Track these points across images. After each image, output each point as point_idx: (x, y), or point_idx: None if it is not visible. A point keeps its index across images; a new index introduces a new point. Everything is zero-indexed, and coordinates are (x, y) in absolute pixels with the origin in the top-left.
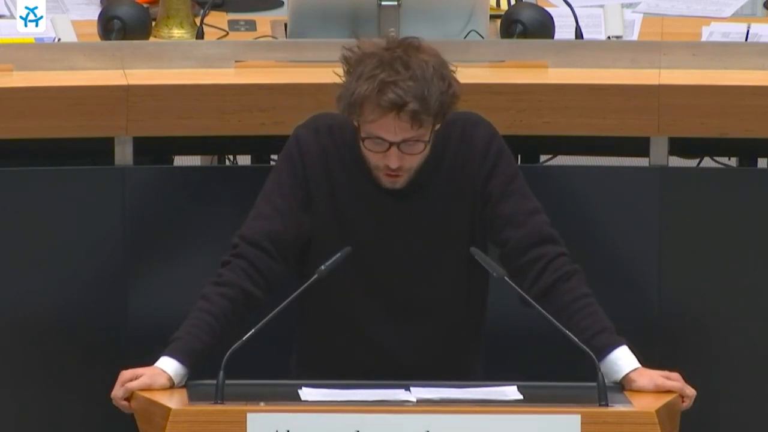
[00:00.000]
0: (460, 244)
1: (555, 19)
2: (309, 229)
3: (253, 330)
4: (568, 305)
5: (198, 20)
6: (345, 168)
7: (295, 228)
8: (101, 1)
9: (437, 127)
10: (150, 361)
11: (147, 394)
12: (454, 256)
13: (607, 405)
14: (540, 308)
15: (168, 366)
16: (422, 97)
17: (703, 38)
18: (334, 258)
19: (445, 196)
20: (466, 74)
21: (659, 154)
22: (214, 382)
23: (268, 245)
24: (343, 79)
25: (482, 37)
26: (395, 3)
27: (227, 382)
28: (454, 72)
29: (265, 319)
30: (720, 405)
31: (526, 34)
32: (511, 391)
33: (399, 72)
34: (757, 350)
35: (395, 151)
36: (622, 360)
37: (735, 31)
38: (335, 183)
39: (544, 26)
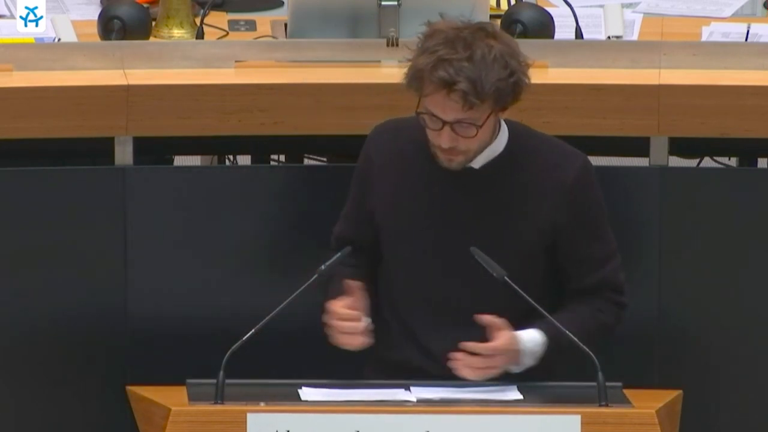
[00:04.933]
0: (520, 256)
1: (555, 19)
2: (375, 229)
3: (252, 330)
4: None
5: (198, 20)
6: (412, 168)
7: (362, 229)
8: (101, 1)
9: (501, 114)
10: (150, 360)
11: (147, 394)
12: (513, 266)
13: (607, 405)
14: (541, 309)
15: None
16: (475, 79)
17: (703, 38)
18: (334, 258)
19: (516, 207)
20: None
21: (659, 154)
22: (214, 382)
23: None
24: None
25: None
26: (395, 3)
27: (227, 382)
28: (528, 65)
29: (265, 319)
30: (720, 404)
31: (526, 34)
32: (511, 391)
33: (457, 51)
34: (758, 350)
35: (448, 130)
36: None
37: (735, 31)
38: (399, 183)
39: (544, 26)
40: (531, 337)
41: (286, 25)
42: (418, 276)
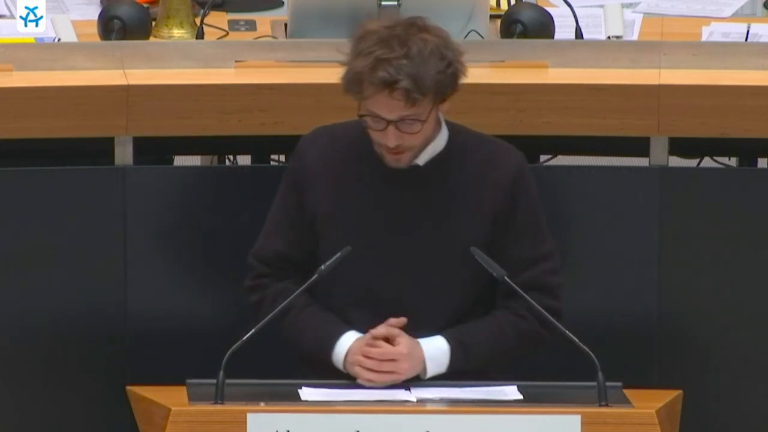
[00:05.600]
0: (466, 252)
1: (555, 19)
2: (313, 239)
3: (253, 330)
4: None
5: (198, 20)
6: (352, 170)
7: (297, 241)
8: (101, 1)
9: (444, 107)
10: (150, 360)
11: (147, 394)
12: (453, 265)
13: (607, 405)
14: (541, 309)
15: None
16: (415, 75)
17: (703, 38)
18: (334, 258)
19: (460, 202)
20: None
21: (659, 154)
22: (214, 382)
23: (277, 264)
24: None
25: (482, 37)
26: (395, 3)
27: (227, 382)
28: (461, 54)
29: (265, 319)
30: (720, 404)
31: (526, 34)
32: (511, 391)
33: (394, 50)
34: (757, 350)
35: (392, 129)
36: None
37: (735, 31)
38: (339, 186)
39: (544, 26)
40: (434, 345)
41: (286, 25)
42: (363, 278)
